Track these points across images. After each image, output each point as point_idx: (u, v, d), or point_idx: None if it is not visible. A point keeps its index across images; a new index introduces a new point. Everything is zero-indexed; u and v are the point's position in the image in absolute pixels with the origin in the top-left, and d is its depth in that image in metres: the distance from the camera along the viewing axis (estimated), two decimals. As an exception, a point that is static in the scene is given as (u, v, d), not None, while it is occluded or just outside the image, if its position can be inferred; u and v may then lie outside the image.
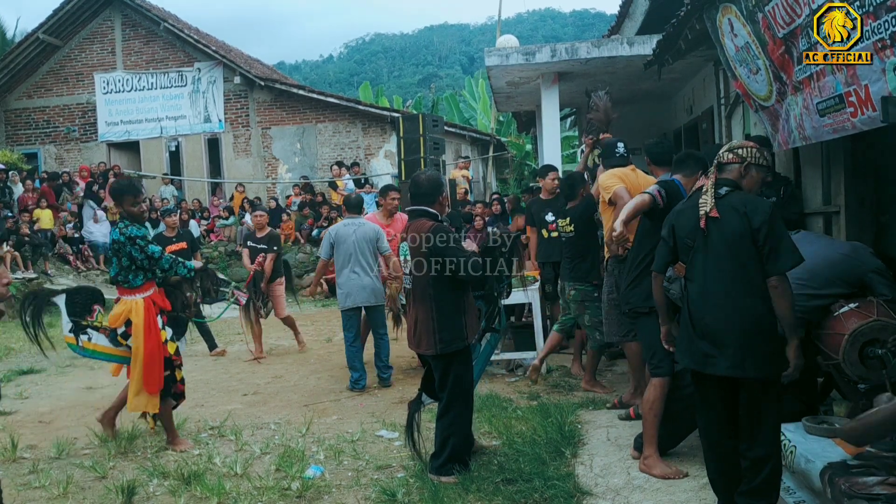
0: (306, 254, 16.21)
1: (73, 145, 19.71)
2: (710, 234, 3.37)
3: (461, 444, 4.29)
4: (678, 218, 3.60)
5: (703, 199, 3.42)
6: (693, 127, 10.58)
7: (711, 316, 3.34)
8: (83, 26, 19.67)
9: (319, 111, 18.77)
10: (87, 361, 8.95)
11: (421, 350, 4.32)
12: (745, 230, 3.29)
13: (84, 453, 5.23)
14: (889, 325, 3.84)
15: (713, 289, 3.35)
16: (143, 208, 5.41)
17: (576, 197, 6.34)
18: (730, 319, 3.28)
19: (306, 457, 4.84)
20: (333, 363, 8.11)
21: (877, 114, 3.80)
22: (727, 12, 5.33)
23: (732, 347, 3.26)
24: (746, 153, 3.48)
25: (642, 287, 4.29)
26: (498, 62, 9.11)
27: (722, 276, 3.33)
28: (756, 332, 3.26)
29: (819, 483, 3.39)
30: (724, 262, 3.33)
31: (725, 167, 3.49)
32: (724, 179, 3.46)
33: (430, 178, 4.45)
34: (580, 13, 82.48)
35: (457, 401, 4.28)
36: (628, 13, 10.83)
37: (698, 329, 3.38)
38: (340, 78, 65.46)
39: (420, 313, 4.26)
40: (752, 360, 3.25)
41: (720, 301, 3.32)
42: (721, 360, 3.29)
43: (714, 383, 3.40)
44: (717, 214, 3.34)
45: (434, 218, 4.31)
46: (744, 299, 3.28)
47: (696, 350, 3.39)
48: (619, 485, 4.04)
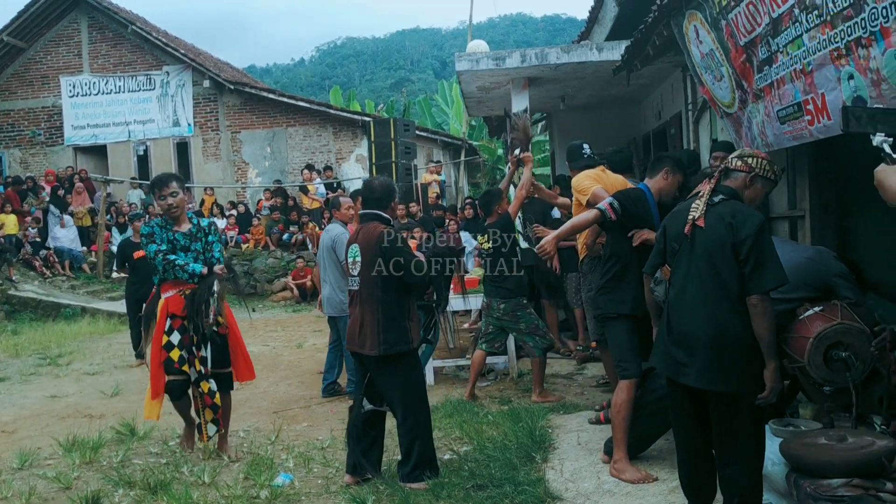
0: (276, 259, 16.09)
1: (38, 149, 19.38)
2: (694, 240, 3.29)
3: (427, 448, 4.28)
4: (671, 220, 3.52)
5: (696, 205, 3.33)
6: (661, 132, 10.68)
7: (686, 324, 3.28)
8: (48, 28, 19.35)
9: (290, 115, 18.67)
10: (51, 369, 8.83)
11: (364, 351, 4.27)
12: (727, 241, 3.18)
13: (48, 463, 5.13)
14: (852, 329, 3.90)
15: (691, 297, 3.28)
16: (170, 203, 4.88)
17: (492, 213, 6.37)
18: (703, 330, 3.21)
19: (275, 465, 4.80)
20: (304, 369, 8.06)
21: (833, 122, 3.86)
22: (693, 19, 5.39)
23: (703, 359, 3.19)
24: (756, 164, 3.33)
25: (611, 293, 4.35)
26: (468, 67, 9.12)
27: (700, 285, 3.25)
28: (728, 345, 3.17)
29: (785, 485, 3.43)
30: (703, 270, 3.25)
31: (731, 174, 3.36)
32: (724, 187, 3.34)
33: (382, 183, 4.52)
34: (551, 18, 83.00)
35: (413, 404, 4.26)
36: (598, 19, 10.91)
37: (673, 335, 3.33)
38: (312, 82, 65.19)
39: (366, 315, 4.26)
40: (722, 373, 3.17)
41: (696, 310, 3.25)
42: (691, 370, 3.23)
43: (686, 392, 3.34)
44: (702, 224, 3.25)
45: (386, 222, 4.36)
46: (718, 311, 3.19)
47: (670, 357, 3.34)
48: (590, 489, 4.06)
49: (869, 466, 3.21)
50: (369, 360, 4.30)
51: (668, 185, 4.40)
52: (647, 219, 4.28)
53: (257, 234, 16.47)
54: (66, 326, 12.08)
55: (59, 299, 13.82)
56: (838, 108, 3.69)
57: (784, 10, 3.96)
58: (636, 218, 4.25)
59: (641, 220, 4.27)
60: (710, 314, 3.20)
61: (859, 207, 5.51)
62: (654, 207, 4.32)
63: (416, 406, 4.27)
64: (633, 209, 4.24)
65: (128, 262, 9.00)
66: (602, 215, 4.18)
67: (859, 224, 5.48)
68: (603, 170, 5.34)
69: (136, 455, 5.20)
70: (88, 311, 13.24)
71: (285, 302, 14.85)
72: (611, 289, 4.35)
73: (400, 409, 4.27)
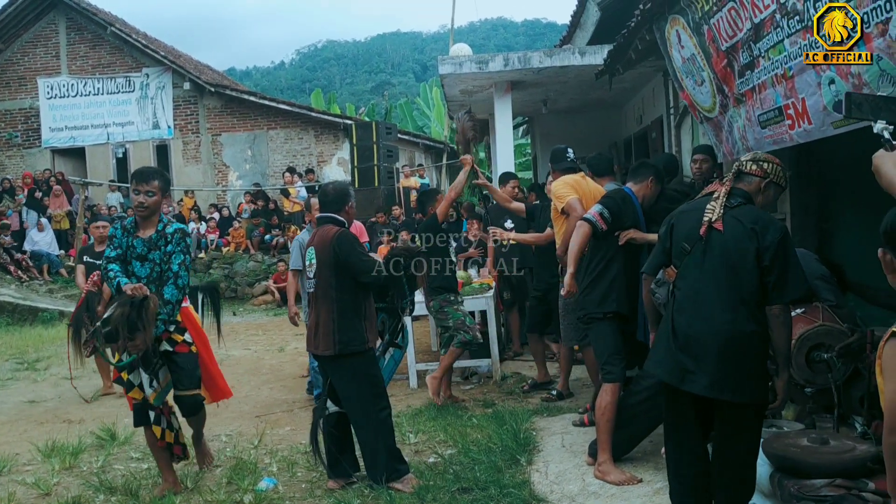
0: (258, 262, 16.00)
1: (15, 151, 19.14)
2: (709, 242, 3.15)
3: (392, 444, 4.29)
4: (680, 219, 3.37)
5: (711, 206, 3.20)
6: (643, 136, 10.76)
7: (696, 329, 3.12)
8: (26, 29, 19.13)
9: (271, 118, 18.58)
10: (28, 374, 8.71)
11: (319, 351, 4.29)
12: (751, 248, 3.06)
13: (26, 469, 5.06)
14: (833, 330, 3.95)
15: (704, 301, 3.13)
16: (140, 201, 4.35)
17: (426, 212, 6.50)
18: (715, 335, 3.06)
19: (259, 469, 4.76)
20: (286, 373, 8.01)
21: (813, 126, 3.91)
22: (675, 24, 5.43)
23: (713, 365, 3.04)
24: (770, 169, 3.25)
25: (596, 293, 4.36)
26: (451, 70, 9.14)
27: (716, 290, 3.11)
28: (741, 353, 3.05)
29: (769, 485, 3.46)
30: (720, 275, 3.11)
31: (744, 177, 3.26)
32: (739, 190, 3.24)
33: (336, 188, 4.59)
34: (532, 23, 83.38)
35: (371, 404, 4.24)
36: (580, 23, 10.98)
37: (680, 340, 3.15)
38: (292, 84, 64.97)
39: (321, 315, 4.27)
40: (733, 382, 3.04)
41: (710, 315, 3.09)
42: (700, 378, 3.06)
43: (689, 401, 3.18)
44: (721, 227, 3.12)
45: (341, 224, 4.41)
46: (734, 317, 3.06)
47: (674, 363, 3.15)
48: (575, 491, 4.06)
49: (853, 469, 3.25)
50: (325, 360, 4.33)
51: (651, 193, 4.48)
52: (634, 218, 4.34)
53: (238, 237, 16.37)
54: (43, 331, 11.93)
55: (36, 303, 13.65)
56: (819, 112, 3.74)
57: (766, 16, 4.01)
58: (625, 217, 4.29)
59: (630, 220, 4.32)
60: (727, 320, 3.06)
61: (839, 211, 5.59)
62: (639, 208, 4.38)
63: (373, 405, 4.25)
64: (620, 210, 4.28)
65: (107, 266, 8.87)
66: (594, 227, 4.21)
67: (839, 227, 5.55)
68: (583, 176, 5.34)
69: (117, 460, 5.14)
70: (66, 315, 13.06)
71: (266, 306, 14.76)
72: (595, 288, 4.37)
73: (359, 408, 4.26)
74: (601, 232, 4.23)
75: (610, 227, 4.24)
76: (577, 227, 4.28)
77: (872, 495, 3.23)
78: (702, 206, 3.25)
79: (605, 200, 4.35)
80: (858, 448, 3.43)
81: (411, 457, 4.68)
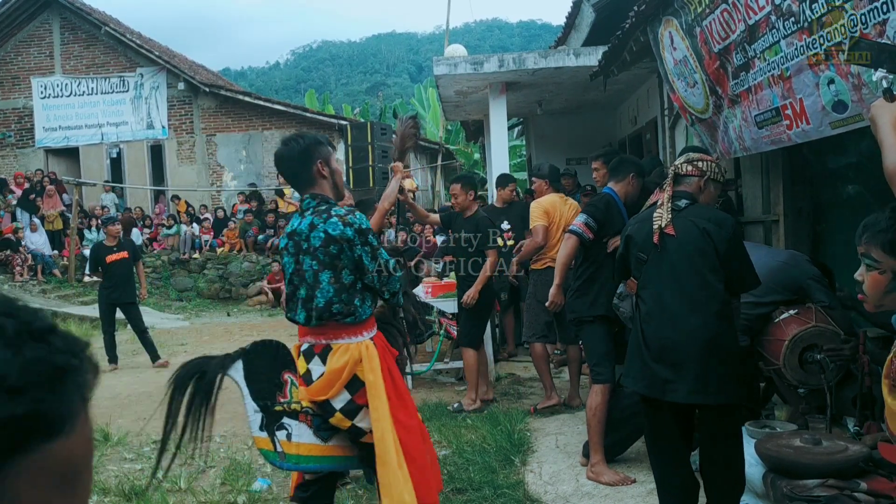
0: (252, 262, 15.98)
1: (8, 151, 19.08)
2: (665, 249, 3.15)
3: None
4: (635, 229, 3.38)
5: (658, 213, 3.21)
6: (637, 137, 10.78)
7: (668, 337, 3.08)
8: (19, 29, 19.06)
9: (266, 118, 18.57)
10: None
11: None
12: (708, 246, 3.08)
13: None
14: (826, 331, 3.96)
15: (670, 307, 3.10)
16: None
17: None
18: (690, 341, 3.03)
19: (253, 469, 4.76)
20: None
21: (811, 127, 3.92)
22: (668, 26, 5.44)
23: (691, 371, 3.01)
24: (706, 167, 3.29)
25: (587, 296, 4.39)
26: (446, 71, 9.14)
27: (680, 294, 3.09)
28: (721, 354, 3.03)
29: (762, 486, 3.47)
30: (682, 278, 3.10)
31: (683, 179, 3.29)
32: (681, 192, 3.26)
33: None
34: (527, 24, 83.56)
35: None
36: (574, 25, 10.98)
37: (653, 351, 3.11)
38: (287, 85, 64.95)
39: None
40: (713, 385, 3.01)
41: (679, 321, 3.06)
42: (681, 386, 3.02)
43: (670, 411, 3.15)
44: (672, 231, 3.13)
45: None
46: (707, 319, 3.04)
47: (652, 376, 3.10)
48: (569, 492, 4.07)
49: (846, 470, 3.26)
50: None
51: (634, 189, 4.53)
52: (620, 220, 4.37)
53: (232, 237, 16.34)
54: (36, 331, 11.86)
55: (29, 303, 13.55)
56: (817, 113, 3.75)
57: (761, 17, 4.02)
58: (611, 222, 4.33)
59: (616, 223, 4.35)
60: (699, 323, 3.04)
61: (833, 213, 5.60)
62: (623, 210, 4.41)
63: None
64: (605, 216, 4.33)
65: (101, 266, 8.87)
66: (580, 238, 4.28)
67: (832, 229, 5.56)
68: (562, 197, 6.01)
69: (111, 461, 5.13)
70: (60, 315, 13.03)
71: (261, 306, 14.76)
72: (584, 291, 4.41)
73: None
74: (589, 241, 4.31)
75: (597, 235, 4.31)
76: (565, 239, 4.41)
77: (865, 496, 3.25)
78: (650, 215, 3.27)
79: (589, 209, 4.41)
80: (851, 448, 3.44)
81: (405, 457, 4.68)
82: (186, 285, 16.11)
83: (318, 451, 2.94)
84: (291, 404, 2.91)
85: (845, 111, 3.50)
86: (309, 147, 3.10)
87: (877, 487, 3.25)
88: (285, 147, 3.14)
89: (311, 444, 2.92)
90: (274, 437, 2.91)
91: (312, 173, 3.07)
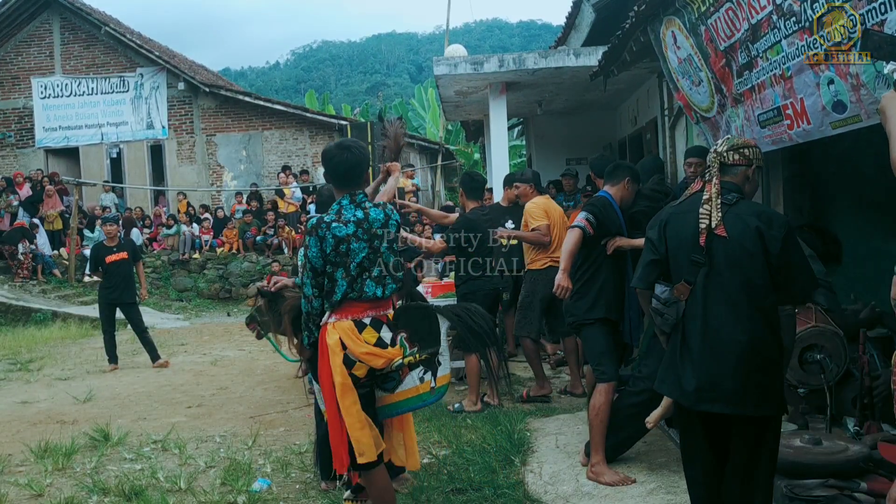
0: (252, 262, 15.98)
1: (8, 151, 19.08)
2: (713, 250, 2.88)
3: None
4: (673, 225, 3.07)
5: (705, 210, 2.92)
6: (637, 137, 10.78)
7: (714, 345, 2.86)
8: (19, 29, 19.07)
9: (266, 118, 18.57)
10: (21, 375, 8.68)
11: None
12: (758, 247, 2.81)
13: (19, 470, 5.04)
14: (826, 331, 3.97)
15: (717, 314, 2.87)
16: None
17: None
18: (738, 350, 2.82)
19: (252, 470, 4.75)
20: (280, 374, 8.00)
21: (812, 126, 3.92)
22: (671, 25, 5.44)
23: (735, 381, 2.81)
24: (752, 154, 3.00)
25: (585, 300, 4.40)
26: (447, 71, 9.14)
27: (727, 300, 2.86)
28: (762, 364, 2.83)
29: (762, 486, 3.46)
30: (729, 283, 2.85)
31: (729, 169, 2.98)
32: (728, 183, 2.96)
33: (331, 190, 4.57)
34: (527, 24, 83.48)
35: None
36: (574, 25, 10.98)
37: (695, 360, 2.90)
38: (287, 85, 64.90)
39: None
40: (755, 395, 2.82)
41: (726, 328, 2.85)
42: (725, 396, 2.83)
43: (709, 421, 2.97)
44: (724, 233, 2.85)
45: None
46: (755, 328, 2.82)
47: (691, 384, 2.89)
48: (569, 492, 4.07)
49: (846, 470, 3.26)
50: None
51: (628, 194, 4.55)
52: (616, 222, 4.42)
53: (231, 237, 16.34)
54: (36, 331, 11.88)
55: (29, 303, 13.60)
56: (818, 113, 3.76)
57: (763, 17, 4.02)
58: (608, 223, 4.36)
59: (612, 225, 4.39)
60: (746, 331, 2.82)
61: (832, 211, 5.60)
62: (619, 212, 4.45)
63: None
64: (604, 216, 4.38)
65: (101, 266, 8.87)
66: (583, 232, 4.29)
67: (833, 228, 5.56)
68: (547, 198, 6.36)
69: (110, 461, 5.13)
70: (60, 315, 13.04)
71: (261, 306, 14.74)
72: (584, 295, 4.41)
73: None
74: (590, 236, 4.32)
75: (597, 232, 4.33)
76: (569, 232, 4.42)
77: (865, 496, 3.25)
78: (695, 208, 2.98)
79: (589, 207, 4.46)
80: (851, 448, 3.44)
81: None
82: (186, 285, 16.11)
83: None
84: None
85: (845, 111, 3.51)
86: (366, 153, 3.65)
87: (877, 487, 3.25)
88: (349, 152, 3.52)
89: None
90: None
91: (366, 175, 3.60)
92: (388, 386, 3.51)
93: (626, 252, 4.41)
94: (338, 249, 3.36)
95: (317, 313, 3.46)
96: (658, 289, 3.08)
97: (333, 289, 3.39)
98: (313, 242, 3.38)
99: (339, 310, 3.40)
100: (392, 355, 3.39)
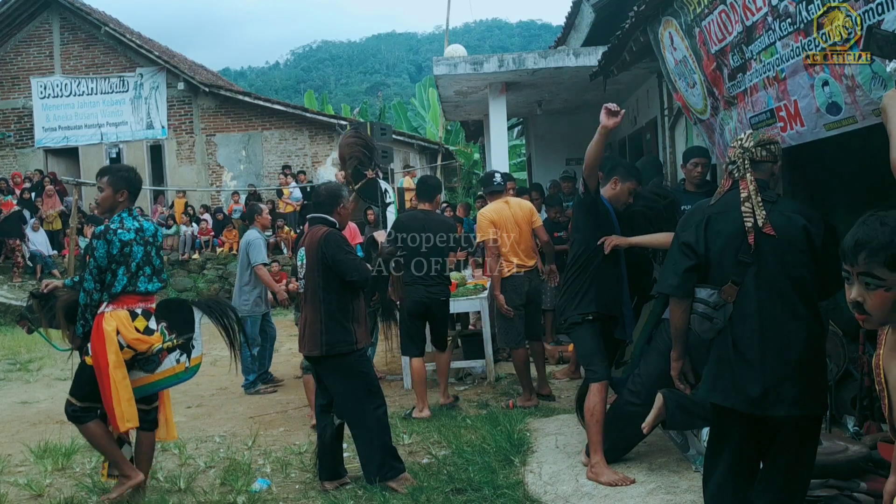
0: (251, 263, 15.96)
1: (7, 151, 19.09)
2: (761, 249, 2.80)
3: (387, 442, 4.29)
4: (714, 226, 2.95)
5: (748, 209, 2.84)
6: (637, 137, 10.78)
7: (768, 346, 2.78)
8: (19, 29, 19.08)
9: (265, 118, 18.57)
10: (21, 375, 8.68)
11: (306, 351, 4.32)
12: (806, 245, 2.78)
13: (19, 470, 5.05)
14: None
15: (772, 314, 2.79)
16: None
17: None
18: (795, 351, 2.76)
19: (252, 470, 4.76)
20: (279, 374, 8.00)
21: (805, 129, 3.92)
22: (668, 26, 5.44)
23: (797, 383, 2.74)
24: (777, 150, 2.95)
25: (575, 296, 4.37)
26: (446, 71, 9.14)
27: (779, 300, 2.79)
28: (819, 363, 2.81)
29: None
30: (781, 282, 2.79)
31: (759, 166, 2.90)
32: (760, 181, 2.88)
33: (328, 189, 4.61)
34: (527, 24, 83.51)
35: (366, 403, 4.24)
36: (574, 25, 10.98)
37: (753, 363, 2.78)
38: (287, 85, 64.89)
39: (309, 315, 4.29)
40: (817, 395, 2.76)
41: (781, 330, 2.77)
42: (788, 399, 2.74)
43: (753, 425, 2.87)
44: (772, 231, 2.79)
45: (331, 225, 4.43)
46: (808, 327, 2.78)
47: (756, 390, 2.77)
48: (568, 492, 4.07)
49: (846, 470, 3.27)
50: (314, 361, 4.35)
51: (617, 192, 4.51)
52: (606, 218, 4.39)
53: (230, 238, 16.33)
54: (36, 331, 11.87)
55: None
56: (812, 115, 3.75)
57: (758, 19, 4.02)
58: (600, 217, 4.34)
59: (605, 220, 4.37)
60: (801, 331, 2.78)
61: (829, 214, 5.60)
62: (611, 210, 4.43)
63: (368, 403, 4.25)
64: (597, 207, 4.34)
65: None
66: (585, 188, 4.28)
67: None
68: (506, 201, 6.23)
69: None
70: (59, 315, 13.03)
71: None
72: (574, 292, 4.39)
73: (353, 407, 4.26)
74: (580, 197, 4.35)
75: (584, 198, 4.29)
76: (596, 140, 4.17)
77: (864, 496, 3.25)
78: (731, 208, 2.88)
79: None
80: (851, 449, 3.45)
81: (405, 457, 4.68)
82: (186, 285, 16.11)
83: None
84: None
85: (839, 113, 3.50)
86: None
87: (877, 487, 3.25)
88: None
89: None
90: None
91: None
92: (148, 367, 4.16)
93: (621, 251, 4.40)
94: (122, 251, 4.03)
95: (94, 305, 4.06)
96: (704, 292, 2.92)
97: (114, 283, 4.04)
98: (100, 245, 4.01)
99: (116, 301, 4.06)
100: (154, 341, 4.13)
